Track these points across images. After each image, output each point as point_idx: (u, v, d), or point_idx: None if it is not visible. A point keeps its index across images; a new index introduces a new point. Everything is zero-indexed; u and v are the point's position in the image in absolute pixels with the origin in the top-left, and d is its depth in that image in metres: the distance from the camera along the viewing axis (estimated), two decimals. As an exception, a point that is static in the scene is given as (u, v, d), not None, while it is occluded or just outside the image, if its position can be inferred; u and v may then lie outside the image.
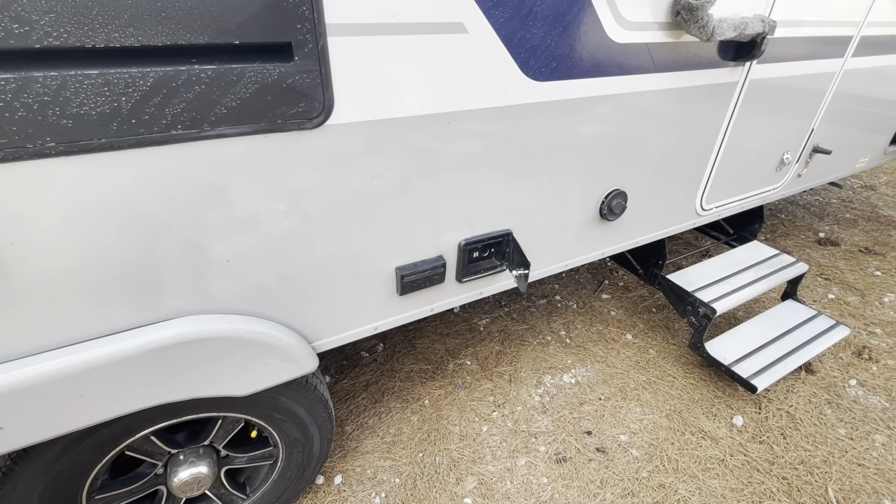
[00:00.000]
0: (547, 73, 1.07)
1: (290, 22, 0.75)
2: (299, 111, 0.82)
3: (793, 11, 1.44)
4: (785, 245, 2.99)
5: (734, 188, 1.84)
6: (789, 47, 1.53)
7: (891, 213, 3.41)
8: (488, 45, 0.96)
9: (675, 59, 1.28)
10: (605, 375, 1.99)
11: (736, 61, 1.41)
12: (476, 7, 0.90)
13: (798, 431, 1.71)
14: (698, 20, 1.14)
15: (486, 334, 2.26)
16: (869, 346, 2.11)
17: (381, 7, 0.82)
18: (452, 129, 1.02)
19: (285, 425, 1.23)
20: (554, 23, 1.01)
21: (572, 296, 2.53)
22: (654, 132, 1.40)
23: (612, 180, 1.41)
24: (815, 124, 1.91)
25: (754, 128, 1.67)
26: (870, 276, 2.64)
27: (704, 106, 1.46)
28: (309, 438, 1.31)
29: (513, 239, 1.28)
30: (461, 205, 1.15)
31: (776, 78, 1.58)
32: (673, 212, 1.69)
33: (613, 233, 1.56)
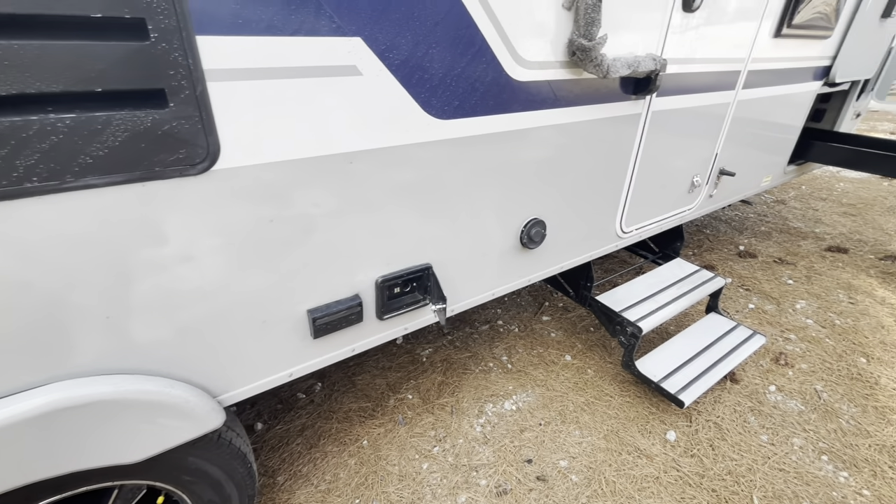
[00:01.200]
0: (450, 112, 1.09)
1: (160, 68, 0.72)
2: (180, 158, 0.79)
3: (684, 50, 1.57)
4: (710, 259, 3.18)
5: (651, 211, 1.94)
6: (686, 81, 1.66)
7: (799, 225, 3.73)
8: (385, 86, 0.97)
9: (578, 93, 1.35)
10: (545, 399, 2.00)
11: (637, 95, 1.51)
12: (369, 50, 0.91)
13: (725, 441, 1.78)
14: (593, 59, 1.22)
15: (428, 365, 2.22)
16: (785, 352, 2.25)
17: (265, 52, 0.81)
18: (356, 169, 1.01)
19: (196, 487, 1.14)
20: (452, 64, 1.04)
21: (514, 319, 2.56)
22: (566, 162, 1.46)
23: (529, 210, 1.45)
24: (719, 149, 2.07)
25: (663, 154, 1.79)
26: (783, 285, 2.85)
27: (612, 136, 1.54)
28: (226, 498, 1.21)
29: (432, 273, 1.27)
30: (375, 242, 1.14)
31: (677, 109, 1.70)
32: (594, 236, 1.76)
33: (536, 260, 1.59)
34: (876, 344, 2.32)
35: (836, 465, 1.69)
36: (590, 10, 1.15)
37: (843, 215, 3.93)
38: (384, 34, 0.92)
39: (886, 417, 1.89)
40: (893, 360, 2.21)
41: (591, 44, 1.18)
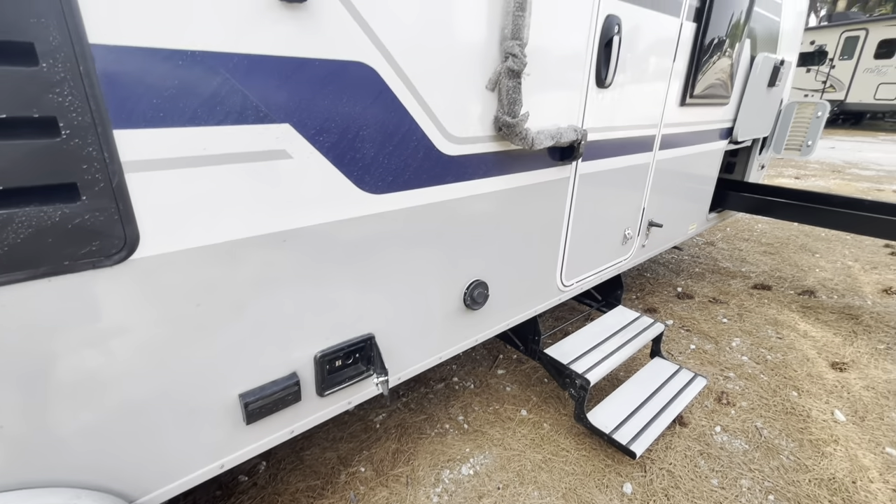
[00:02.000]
0: (384, 187, 1.13)
1: (72, 163, 0.70)
2: (93, 250, 0.76)
3: (603, 120, 1.73)
4: (652, 301, 3.34)
5: (589, 264, 2.04)
6: (608, 146, 1.82)
7: (728, 265, 4.03)
8: (317, 167, 0.99)
9: (508, 163, 1.44)
10: (502, 460, 1.95)
11: (564, 161, 1.63)
12: (298, 135, 0.94)
13: (679, 490, 1.80)
14: (517, 134, 1.31)
15: (382, 432, 2.13)
16: (726, 391, 2.35)
17: (190, 142, 0.81)
18: (290, 246, 1.01)
19: None
20: (383, 143, 1.09)
21: (469, 375, 2.53)
22: (503, 225, 1.53)
23: (471, 272, 1.48)
24: (645, 204, 2.24)
25: (594, 212, 1.91)
26: (719, 324, 3.03)
27: (544, 199, 1.64)
28: None
29: (375, 343, 1.26)
30: (312, 317, 1.12)
31: (602, 171, 1.85)
32: (537, 292, 1.81)
33: (482, 320, 1.61)
34: (804, 377, 2.48)
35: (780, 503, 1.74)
36: (511, 91, 1.26)
37: (764, 254, 4.30)
38: (313, 120, 0.95)
39: (821, 450, 1.99)
40: (820, 391, 2.36)
41: (514, 120, 1.28)
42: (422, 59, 1.10)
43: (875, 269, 3.95)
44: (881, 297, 3.41)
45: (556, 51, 1.44)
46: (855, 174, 7.90)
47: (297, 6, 0.87)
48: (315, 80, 0.94)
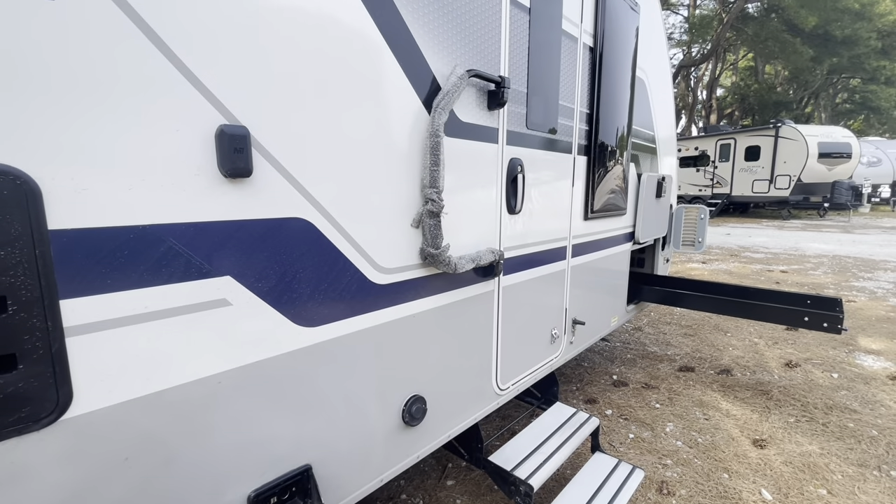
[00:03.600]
0: (319, 320, 1.23)
1: (15, 336, 0.76)
2: (22, 416, 0.78)
3: (518, 239, 2.00)
4: (591, 391, 3.48)
5: (522, 365, 2.18)
6: (525, 260, 2.07)
7: (655, 349, 4.34)
8: (255, 310, 1.09)
9: (436, 285, 1.61)
10: (454, 588, 1.84)
11: (487, 277, 1.84)
12: (238, 284, 1.05)
13: None
14: (441, 261, 1.50)
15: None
16: (665, 480, 2.44)
17: (133, 302, 0.89)
18: (225, 387, 1.05)
19: None
20: (318, 282, 1.22)
21: (418, 490, 2.43)
22: (435, 340, 1.65)
23: (408, 389, 1.56)
24: (567, 305, 2.48)
25: (520, 317, 2.10)
26: (653, 410, 3.19)
27: (472, 312, 1.80)
28: None
29: (312, 475, 1.25)
30: (246, 456, 1.12)
31: (523, 281, 2.08)
32: (475, 399, 1.89)
33: (423, 434, 1.65)
34: (731, 457, 2.63)
35: None
36: (432, 228, 1.47)
37: (685, 336, 4.70)
38: (252, 269, 1.07)
39: (755, 534, 2.08)
40: (746, 471, 2.51)
41: (437, 251, 1.48)
42: (352, 207, 1.29)
43: (777, 344, 4.43)
44: (785, 371, 3.80)
45: (471, 189, 1.72)
46: (749, 257, 9.07)
47: (241, 180, 1.04)
48: (255, 236, 1.08)
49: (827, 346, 4.33)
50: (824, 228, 13.73)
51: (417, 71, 1.43)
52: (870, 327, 4.80)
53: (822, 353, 4.17)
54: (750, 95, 32.62)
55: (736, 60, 34.97)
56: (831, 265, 8.09)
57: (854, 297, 5.95)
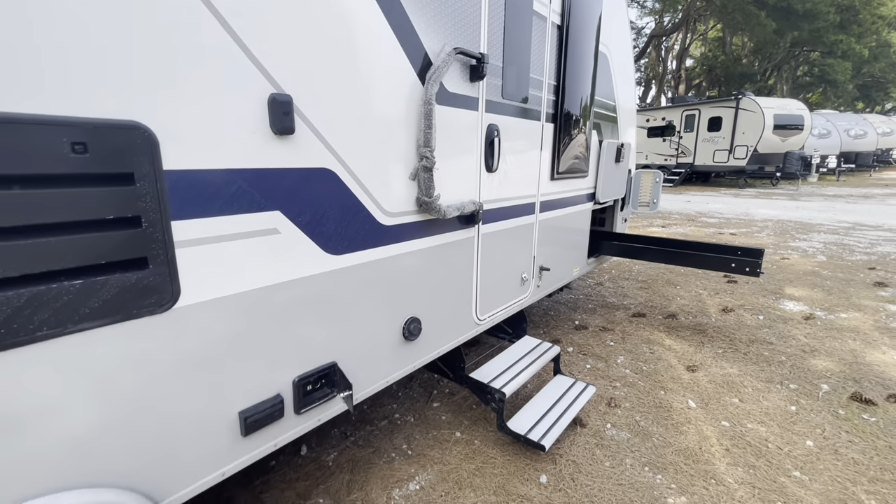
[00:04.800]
0: (342, 249, 1.58)
1: (147, 244, 1.08)
2: (152, 301, 1.11)
3: (495, 193, 2.37)
4: (556, 334, 3.99)
5: (497, 301, 2.60)
6: (500, 213, 2.45)
7: (613, 300, 4.90)
8: (296, 238, 1.43)
9: (430, 228, 1.97)
10: (443, 474, 2.30)
11: (469, 225, 2.21)
12: (284, 217, 1.38)
13: (581, 473, 2.28)
14: (433, 209, 1.86)
15: (335, 468, 2.37)
16: (614, 397, 2.96)
17: (217, 226, 1.22)
18: (278, 295, 1.40)
19: None
20: (341, 220, 1.56)
21: (409, 411, 2.87)
22: (429, 273, 2.03)
23: (407, 311, 1.94)
24: (535, 253, 2.90)
25: (496, 261, 2.50)
26: (608, 347, 3.73)
27: (457, 253, 2.19)
28: None
29: (338, 368, 1.64)
30: (292, 349, 1.49)
31: (498, 231, 2.46)
32: (458, 325, 2.31)
33: (419, 349, 2.05)
34: (668, 379, 3.19)
35: (653, 471, 2.30)
36: (426, 181, 1.82)
37: (640, 289, 5.28)
38: (293, 207, 1.41)
39: (679, 429, 2.62)
40: (679, 388, 3.07)
41: (430, 200, 1.83)
42: (365, 162, 1.62)
43: (718, 294, 5.06)
44: (721, 315, 4.42)
45: (456, 149, 2.06)
46: (704, 222, 9.82)
47: (287, 137, 1.35)
48: (296, 181, 1.40)
49: (759, 294, 4.99)
50: (774, 196, 14.75)
51: (413, 50, 1.74)
52: (796, 279, 5.51)
53: (753, 300, 4.82)
54: (717, 67, 33.49)
55: (706, 31, 35.60)
56: (774, 228, 8.90)
57: (788, 255, 6.70)
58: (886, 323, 4.14)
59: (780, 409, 2.81)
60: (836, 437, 2.54)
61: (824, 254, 6.80)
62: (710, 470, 2.29)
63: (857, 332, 3.96)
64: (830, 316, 4.34)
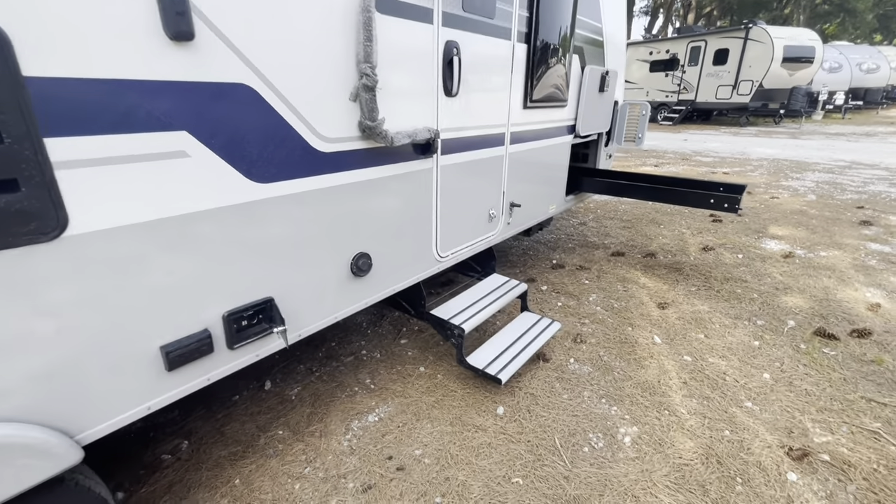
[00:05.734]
0: (269, 177, 1.45)
1: (12, 164, 0.95)
2: (31, 229, 1.00)
3: (456, 121, 2.20)
4: (532, 273, 3.96)
5: (461, 238, 2.51)
6: (463, 143, 2.29)
7: (594, 240, 4.83)
8: (212, 164, 1.30)
9: (378, 157, 1.83)
10: (402, 406, 2.34)
11: (426, 155, 2.07)
12: (193, 138, 1.24)
13: (538, 405, 2.32)
14: (378, 134, 1.71)
15: (297, 401, 2.41)
16: (581, 333, 2.98)
17: (106, 146, 1.08)
18: (193, 226, 1.30)
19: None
20: (265, 144, 1.42)
21: (376, 347, 2.89)
22: (380, 206, 1.91)
23: (354, 246, 1.85)
24: (505, 188, 2.77)
25: (459, 195, 2.38)
26: (582, 285, 3.71)
27: (413, 185, 2.06)
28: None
29: (275, 304, 1.57)
30: (218, 283, 1.41)
31: (461, 162, 2.32)
32: (416, 262, 2.23)
33: (370, 285, 1.99)
34: (637, 316, 3.20)
35: (609, 403, 2.34)
36: (368, 102, 1.65)
37: (623, 228, 5.21)
38: (204, 127, 1.26)
39: (641, 364, 2.65)
40: (647, 324, 3.08)
41: (373, 124, 1.67)
42: (294, 80, 1.45)
43: (700, 233, 5.00)
44: (700, 254, 4.38)
45: (408, 68, 1.87)
46: (698, 161, 9.57)
47: (185, 43, 1.18)
48: (204, 97, 1.24)
49: (742, 234, 4.94)
50: (775, 135, 14.32)
51: (347, -57, 1.50)
52: (782, 218, 5.43)
53: (736, 239, 4.77)
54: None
55: (722, -48, 32.69)
56: (769, 168, 8.69)
57: (779, 195, 6.58)
58: (864, 261, 4.12)
59: (743, 344, 2.84)
60: (793, 370, 2.58)
61: (815, 193, 6.67)
62: (665, 402, 2.33)
63: (834, 269, 3.94)
64: (810, 254, 4.32)
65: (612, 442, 2.09)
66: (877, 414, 2.23)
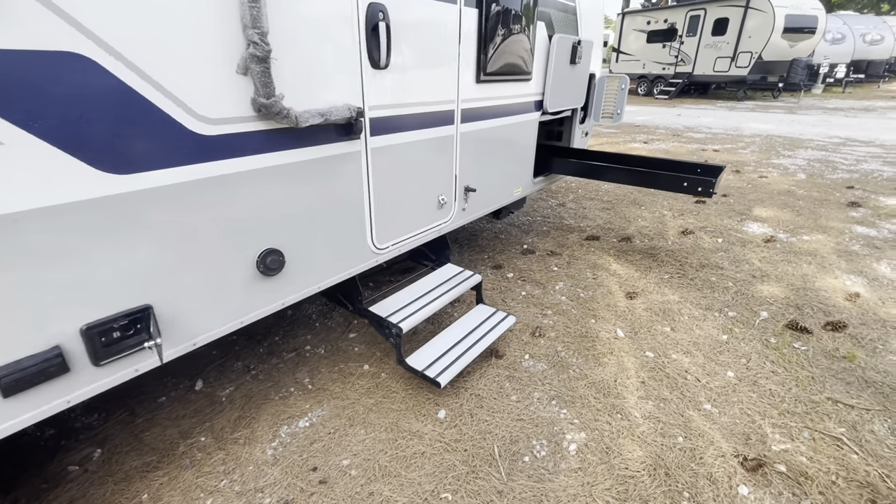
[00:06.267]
0: (130, 167, 1.22)
1: None
2: None
3: (389, 97, 1.95)
4: (500, 259, 3.76)
5: (404, 227, 2.29)
6: (400, 122, 2.04)
7: (571, 222, 4.62)
8: (37, 151, 1.06)
9: (282, 140, 1.59)
10: (338, 409, 2.18)
11: (349, 136, 1.82)
12: (6, 122, 1.01)
13: (483, 409, 2.16)
14: (278, 113, 1.47)
15: (227, 403, 2.24)
16: (541, 326, 2.80)
17: None
18: (18, 228, 1.08)
19: None
20: (115, 127, 1.18)
21: (322, 342, 2.71)
22: (292, 196, 1.69)
23: (260, 242, 1.63)
24: (457, 172, 2.54)
25: (397, 180, 2.15)
26: (550, 272, 3.52)
27: (335, 171, 1.82)
28: None
29: (152, 313, 1.37)
30: (70, 292, 1.20)
31: (398, 144, 2.07)
32: (346, 256, 2.02)
33: (285, 284, 1.78)
34: (603, 307, 3.02)
35: (559, 405, 2.19)
36: (261, 75, 1.40)
37: (602, 210, 4.99)
38: (21, 107, 1.02)
39: (599, 361, 2.49)
40: (611, 316, 2.91)
41: (269, 101, 1.43)
42: (151, 48, 1.20)
43: (682, 215, 4.79)
44: (678, 238, 4.19)
45: (318, 36, 1.60)
46: (689, 137, 9.26)
47: (-24, 0, 0.93)
48: (17, 69, 1.00)
49: (724, 216, 4.73)
50: (771, 110, 13.92)
51: None
52: (769, 199, 5.22)
53: (717, 222, 4.57)
54: (736, -41, 29.85)
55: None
56: (761, 144, 8.41)
57: (767, 174, 6.34)
58: (847, 246, 3.94)
59: (710, 339, 2.68)
60: (759, 367, 2.43)
61: (805, 171, 6.44)
62: (619, 404, 2.18)
63: (815, 255, 3.77)
64: (792, 238, 4.13)
65: (555, 450, 1.94)
66: (842, 417, 2.08)
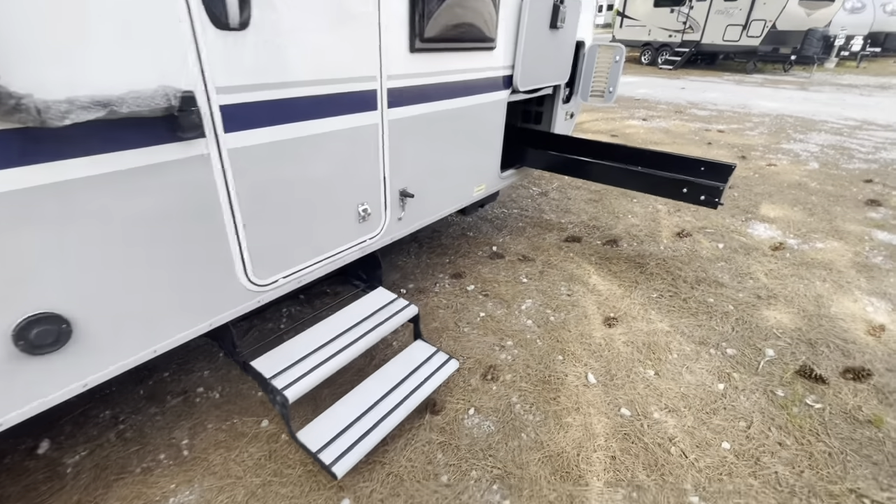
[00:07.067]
0: None
1: None
2: None
3: (253, 75, 1.31)
4: (462, 264, 3.18)
5: (304, 252, 1.70)
6: (273, 110, 1.41)
7: (551, 217, 4.01)
8: None
9: (39, 148, 0.97)
10: (212, 493, 1.65)
11: (185, 134, 1.20)
12: None
13: (399, 497, 1.64)
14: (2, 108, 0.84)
15: (71, 477, 1.71)
16: (495, 365, 2.26)
17: None
18: None
19: None
20: None
21: (220, 381, 2.16)
22: (67, 234, 1.08)
23: (20, 308, 1.04)
24: (386, 172, 1.91)
25: (284, 193, 1.53)
26: (518, 284, 2.95)
27: (157, 188, 1.21)
28: None
29: None
30: None
31: (276, 141, 1.45)
32: (203, 302, 1.43)
33: (79, 360, 1.20)
34: (575, 338, 2.47)
35: (503, 492, 1.67)
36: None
37: (589, 202, 4.37)
38: None
39: (561, 421, 1.96)
40: (584, 351, 2.37)
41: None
42: None
43: (678, 211, 4.19)
44: (673, 241, 3.61)
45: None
46: (693, 115, 8.50)
47: None
48: None
49: (727, 213, 4.14)
50: (782, 85, 13.03)
51: None
52: (777, 193, 4.62)
53: (719, 221, 3.98)
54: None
55: None
56: (770, 125, 7.69)
57: (777, 161, 5.70)
58: (868, 257, 3.39)
59: (703, 389, 2.15)
60: (763, 435, 1.92)
61: (819, 160, 5.81)
62: (579, 495, 1.66)
63: (831, 269, 3.21)
64: (804, 245, 3.56)
65: (486, 573, 1.43)
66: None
